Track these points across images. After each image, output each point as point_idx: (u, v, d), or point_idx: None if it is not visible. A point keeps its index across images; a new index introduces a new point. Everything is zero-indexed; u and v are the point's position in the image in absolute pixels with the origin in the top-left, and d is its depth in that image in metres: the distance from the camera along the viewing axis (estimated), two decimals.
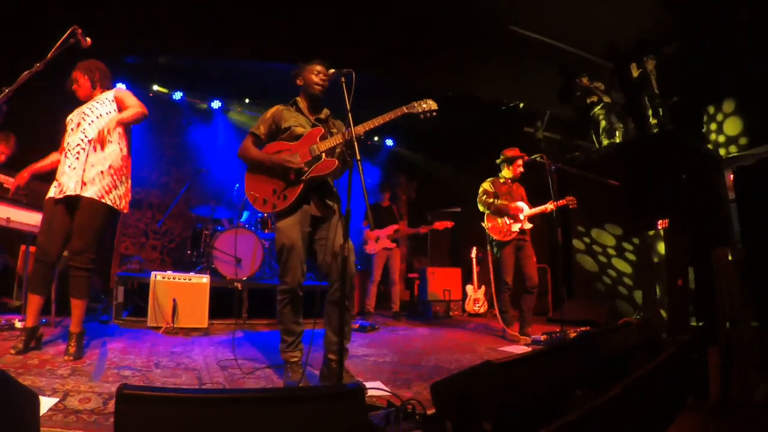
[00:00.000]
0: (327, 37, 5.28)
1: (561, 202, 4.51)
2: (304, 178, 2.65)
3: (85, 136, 2.93)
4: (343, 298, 2.16)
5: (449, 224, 6.10)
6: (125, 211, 3.14)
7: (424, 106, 2.59)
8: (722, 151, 5.84)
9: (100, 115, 3.02)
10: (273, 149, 2.78)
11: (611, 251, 6.36)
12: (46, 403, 1.87)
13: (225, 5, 5.05)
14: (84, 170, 2.86)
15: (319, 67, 2.82)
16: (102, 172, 2.91)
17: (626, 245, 6.14)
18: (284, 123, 2.81)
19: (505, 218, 4.63)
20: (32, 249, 3.98)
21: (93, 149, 2.91)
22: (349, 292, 2.66)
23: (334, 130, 2.88)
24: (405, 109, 2.60)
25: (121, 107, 3.09)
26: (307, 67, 2.87)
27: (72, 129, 2.98)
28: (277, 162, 2.68)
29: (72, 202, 2.87)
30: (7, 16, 4.37)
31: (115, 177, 2.99)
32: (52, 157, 3.23)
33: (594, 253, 6.60)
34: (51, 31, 2.71)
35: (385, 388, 2.47)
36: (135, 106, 3.06)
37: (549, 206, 4.52)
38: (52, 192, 2.91)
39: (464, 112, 7.26)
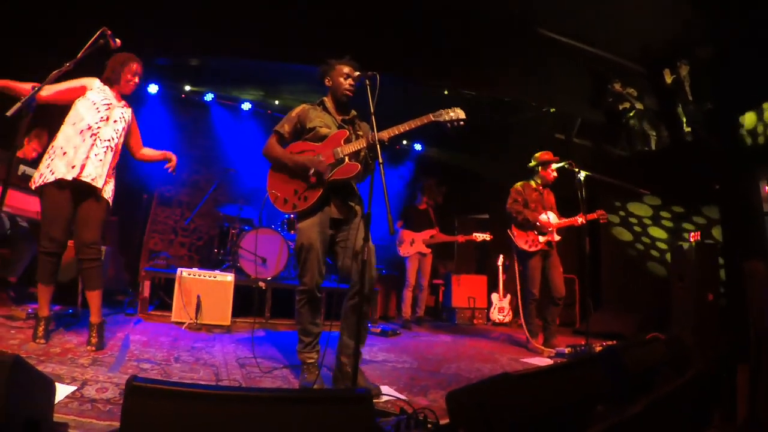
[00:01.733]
0: (354, 39, 5.28)
1: (591, 215, 4.39)
2: (326, 180, 2.64)
3: (117, 137, 3.00)
4: (361, 302, 2.14)
5: (488, 237, 5.94)
6: None
7: (452, 114, 2.54)
8: None
9: (124, 128, 3.08)
10: (297, 149, 2.78)
11: (647, 221, 6.21)
12: (63, 391, 1.90)
13: (254, 7, 5.11)
14: (108, 170, 2.93)
15: (347, 69, 2.77)
16: (113, 176, 3.03)
17: (664, 213, 5.99)
18: (309, 123, 2.79)
19: (534, 231, 4.54)
20: None
21: (115, 154, 3.01)
22: (369, 296, 2.64)
23: (360, 133, 2.83)
24: (432, 117, 2.56)
25: (131, 132, 3.20)
26: (336, 66, 2.82)
27: (107, 117, 2.93)
28: (300, 163, 2.67)
29: (83, 190, 2.85)
30: (39, 16, 4.52)
31: (113, 183, 3.06)
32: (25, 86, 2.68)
33: (629, 225, 6.44)
34: (80, 31, 2.78)
35: (399, 395, 2.43)
36: (147, 150, 3.37)
37: (579, 219, 4.40)
38: (61, 170, 2.75)
39: (493, 117, 7.17)
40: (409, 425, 1.50)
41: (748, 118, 4.94)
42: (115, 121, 2.99)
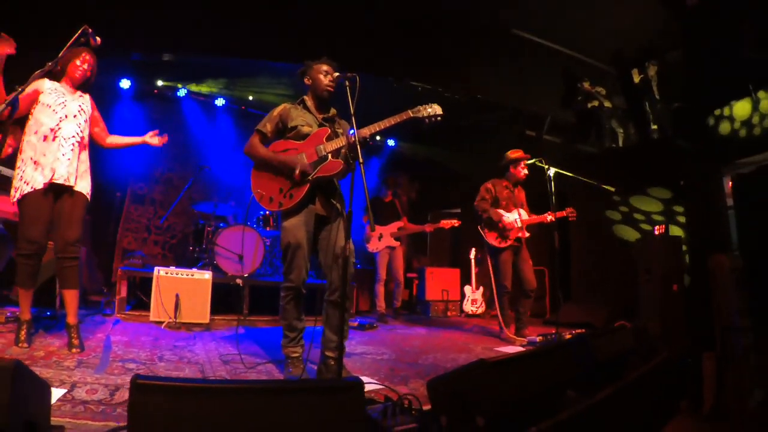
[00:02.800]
0: (331, 36, 5.33)
1: (560, 213, 4.55)
2: (310, 178, 2.70)
3: (80, 132, 2.97)
4: (343, 299, 2.22)
5: (456, 223, 6.00)
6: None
7: (430, 110, 2.64)
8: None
9: (87, 119, 3.06)
10: (280, 147, 2.82)
11: (657, 217, 6.20)
12: (55, 394, 1.92)
13: (230, 3, 5.11)
14: (77, 165, 2.92)
15: (326, 67, 2.84)
16: (85, 171, 3.02)
17: (677, 209, 6.01)
18: (291, 122, 2.84)
19: (499, 228, 4.69)
20: None
21: (83, 147, 3.01)
22: (348, 293, 2.73)
23: (340, 130, 2.90)
24: (410, 113, 2.65)
25: (92, 122, 3.14)
26: (314, 65, 2.88)
27: (66, 116, 2.90)
28: (285, 162, 2.73)
29: (59, 191, 2.87)
30: (14, 15, 4.43)
31: (89, 179, 3.06)
32: None
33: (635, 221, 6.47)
34: (59, 29, 2.77)
35: (383, 385, 2.53)
36: (115, 137, 3.32)
37: (548, 217, 4.57)
38: (37, 179, 2.77)
39: (467, 114, 7.31)
40: (395, 411, 1.59)
41: (741, 108, 4.99)
42: (75, 116, 2.95)
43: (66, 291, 2.95)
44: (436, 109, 2.65)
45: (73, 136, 2.92)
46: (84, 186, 2.96)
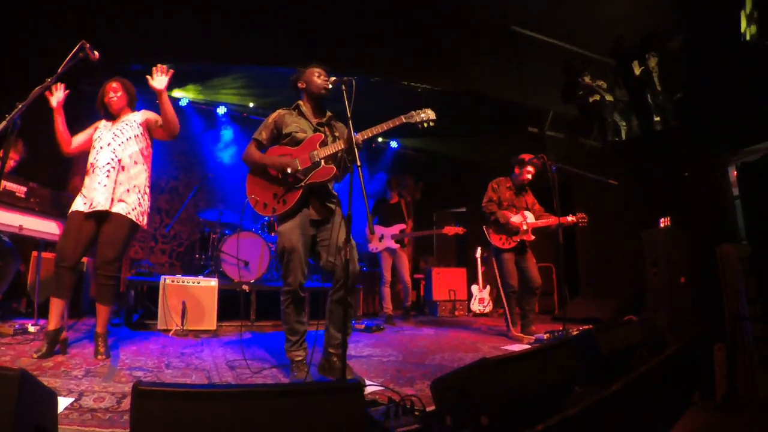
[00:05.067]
0: (329, 39, 5.36)
1: (571, 219, 4.51)
2: (303, 183, 2.72)
3: (115, 156, 3.08)
4: (346, 294, 2.24)
5: (460, 230, 5.90)
6: (145, 227, 3.29)
7: (423, 115, 2.69)
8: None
9: (129, 137, 3.17)
10: (275, 153, 2.85)
11: None
12: (62, 403, 1.94)
13: (227, 10, 5.15)
14: (114, 188, 3.03)
15: (318, 70, 2.87)
16: (128, 190, 3.10)
17: None
18: (286, 128, 2.87)
19: (506, 230, 4.67)
20: (45, 255, 4.09)
21: (122, 169, 3.09)
22: (352, 289, 2.77)
23: (337, 134, 2.93)
24: (403, 119, 2.69)
25: (150, 124, 3.27)
26: (306, 70, 2.92)
27: (101, 147, 3.10)
28: (275, 164, 2.76)
29: (100, 216, 3.02)
30: (12, 29, 4.48)
31: (139, 195, 3.15)
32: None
33: None
34: (58, 44, 2.81)
35: (386, 386, 2.53)
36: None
37: (556, 222, 4.42)
38: (80, 206, 3.02)
39: (469, 112, 7.30)
40: (397, 413, 1.59)
41: None
42: (108, 144, 3.10)
43: (100, 305, 3.07)
44: (429, 114, 2.69)
45: (108, 163, 3.06)
46: (122, 207, 3.06)
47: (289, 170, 2.71)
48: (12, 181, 3.53)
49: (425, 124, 2.68)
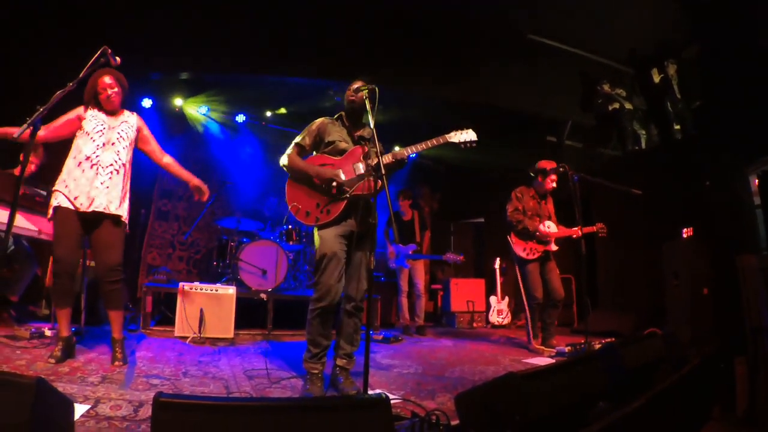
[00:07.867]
0: (349, 50, 5.38)
1: (591, 228, 4.46)
2: (347, 195, 2.70)
3: (119, 159, 3.03)
4: (364, 308, 2.22)
5: (460, 259, 5.97)
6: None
7: (465, 137, 2.72)
8: None
9: (131, 142, 3.14)
10: (317, 162, 2.83)
11: None
12: (78, 410, 1.93)
13: (246, 21, 5.21)
14: (120, 190, 3.00)
15: (357, 84, 2.83)
16: (125, 195, 3.08)
17: None
18: (328, 136, 2.86)
19: (534, 240, 4.59)
20: None
21: (124, 172, 3.06)
22: (360, 305, 2.79)
23: (375, 149, 2.91)
24: (447, 138, 2.73)
25: (141, 141, 3.24)
26: (350, 84, 2.91)
27: (103, 143, 2.97)
28: (321, 174, 2.73)
29: (96, 218, 2.93)
30: (37, 37, 4.58)
31: (127, 201, 3.12)
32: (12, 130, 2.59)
33: None
34: (79, 49, 2.84)
35: (410, 399, 2.49)
36: (173, 162, 3.34)
37: (577, 232, 4.43)
38: (69, 203, 2.85)
39: (487, 122, 7.24)
40: (422, 428, 1.55)
41: None
42: (113, 144, 3.02)
43: (111, 311, 3.07)
44: (471, 135, 2.72)
45: (111, 164, 2.99)
46: (122, 210, 3.03)
47: (335, 183, 2.69)
48: (31, 185, 3.57)
49: (467, 145, 2.71)
